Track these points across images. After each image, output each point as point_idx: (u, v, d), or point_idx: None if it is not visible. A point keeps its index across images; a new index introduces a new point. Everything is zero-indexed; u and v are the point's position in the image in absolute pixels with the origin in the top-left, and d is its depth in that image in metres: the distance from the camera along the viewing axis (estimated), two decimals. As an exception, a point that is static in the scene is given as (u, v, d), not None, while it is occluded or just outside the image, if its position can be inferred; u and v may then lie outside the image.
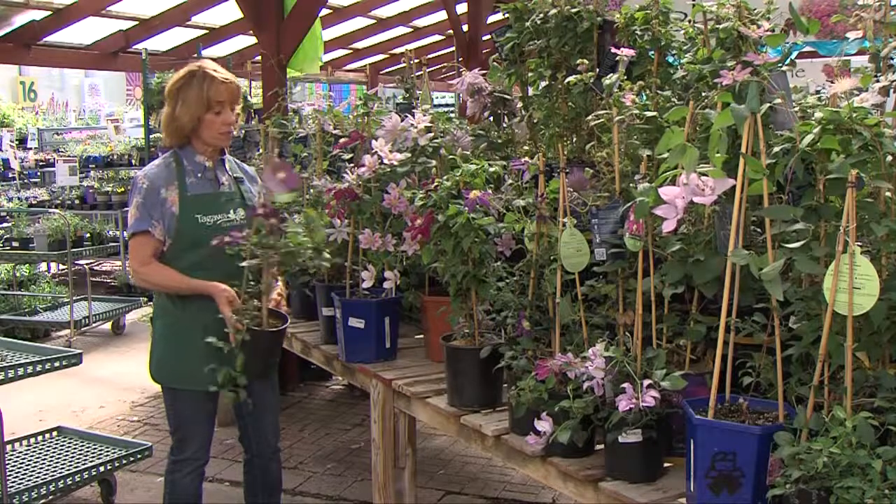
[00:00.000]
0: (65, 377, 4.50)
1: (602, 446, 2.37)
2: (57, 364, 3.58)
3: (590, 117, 2.80)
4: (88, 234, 7.67)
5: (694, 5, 2.65)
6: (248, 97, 7.75)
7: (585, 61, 3.01)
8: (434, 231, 2.88)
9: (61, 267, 9.29)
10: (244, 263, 2.79)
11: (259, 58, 6.35)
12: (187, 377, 2.97)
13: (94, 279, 8.55)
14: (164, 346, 3.03)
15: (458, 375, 2.87)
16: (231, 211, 3.01)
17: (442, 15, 10.34)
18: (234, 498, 4.08)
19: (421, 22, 11.44)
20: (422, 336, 3.63)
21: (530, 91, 3.72)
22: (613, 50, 2.92)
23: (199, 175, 2.98)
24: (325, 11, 8.06)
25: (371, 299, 3.43)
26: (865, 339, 1.91)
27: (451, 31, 10.18)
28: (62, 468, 3.88)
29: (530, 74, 3.57)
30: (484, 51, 9.56)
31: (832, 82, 2.14)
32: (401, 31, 11.68)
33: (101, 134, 12.00)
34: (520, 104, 3.83)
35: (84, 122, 16.51)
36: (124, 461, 4.05)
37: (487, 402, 2.85)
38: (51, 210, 8.00)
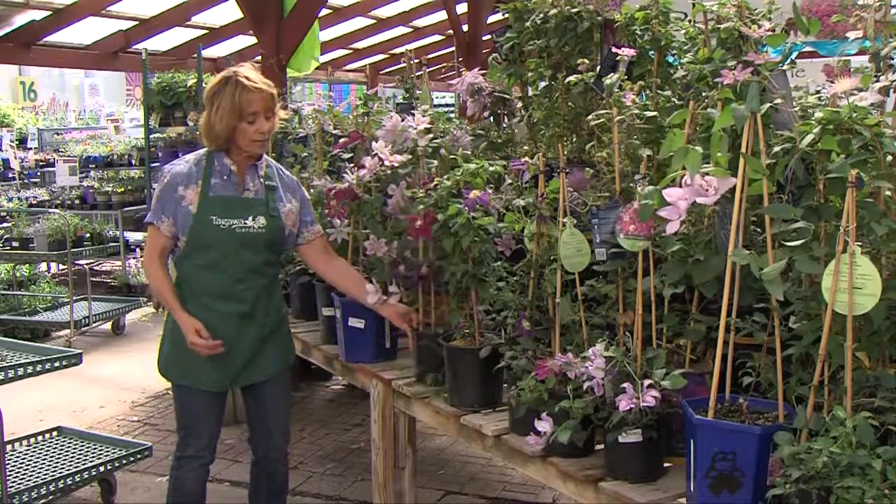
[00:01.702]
0: (65, 377, 4.49)
1: (602, 446, 2.37)
2: (57, 364, 3.58)
3: (590, 117, 2.80)
4: (88, 234, 7.66)
5: (694, 5, 2.65)
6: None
7: (586, 61, 3.02)
8: (434, 230, 2.88)
9: (61, 267, 9.29)
10: None
11: (259, 58, 6.35)
12: (192, 375, 2.98)
13: (94, 279, 8.54)
14: (171, 343, 3.03)
15: (458, 375, 2.87)
16: (250, 217, 2.95)
17: (442, 15, 10.35)
18: (233, 498, 4.08)
19: (421, 22, 11.45)
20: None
21: (530, 91, 3.72)
22: (614, 50, 2.92)
23: (225, 178, 2.96)
24: (324, 11, 8.06)
25: (371, 299, 3.42)
26: (865, 339, 1.91)
27: (451, 31, 10.19)
28: (62, 468, 3.88)
29: (530, 74, 3.57)
30: (484, 51, 9.56)
31: (832, 82, 2.14)
32: (401, 31, 11.69)
33: (101, 134, 11.99)
34: (520, 104, 3.83)
35: (84, 122, 16.49)
36: (124, 461, 4.04)
37: (487, 402, 2.84)
38: (51, 210, 7.99)
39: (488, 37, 9.99)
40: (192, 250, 2.95)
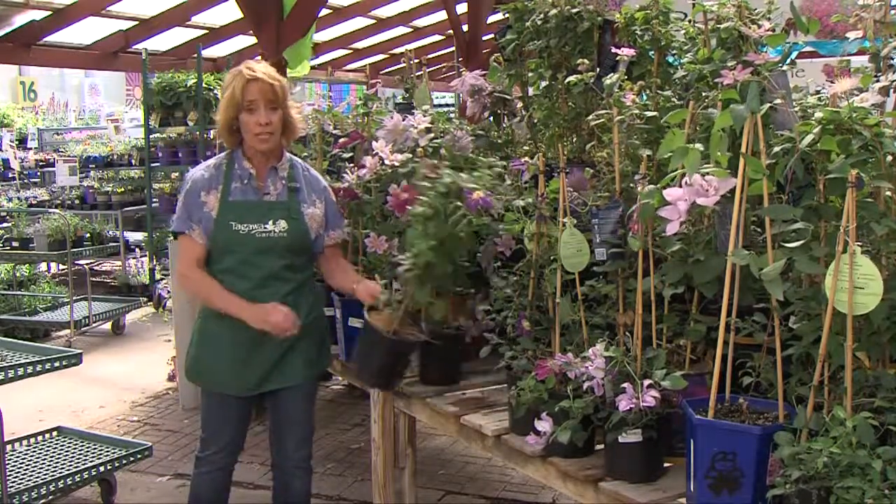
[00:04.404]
0: (65, 377, 4.50)
1: (602, 446, 2.37)
2: (57, 364, 3.58)
3: (590, 117, 2.80)
4: (88, 234, 7.67)
5: (694, 5, 2.65)
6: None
7: (586, 61, 3.01)
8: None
9: (61, 267, 9.29)
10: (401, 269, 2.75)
11: (259, 58, 6.36)
12: (207, 377, 2.97)
13: (94, 279, 8.55)
14: (197, 344, 3.01)
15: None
16: (270, 221, 2.89)
17: (442, 15, 10.34)
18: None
19: (421, 22, 11.45)
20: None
21: (530, 91, 3.72)
22: (614, 50, 2.92)
23: (245, 181, 2.92)
24: (324, 11, 8.07)
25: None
26: (865, 339, 1.91)
27: (451, 31, 10.18)
28: (62, 468, 3.88)
29: (530, 74, 3.57)
30: (484, 51, 9.57)
31: (832, 82, 2.14)
32: (401, 31, 11.69)
33: (101, 134, 12.01)
34: (520, 104, 3.82)
35: (84, 122, 16.51)
36: (124, 461, 4.04)
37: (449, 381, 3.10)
38: (51, 210, 8.00)
39: (488, 37, 10.01)
40: (217, 255, 2.92)
